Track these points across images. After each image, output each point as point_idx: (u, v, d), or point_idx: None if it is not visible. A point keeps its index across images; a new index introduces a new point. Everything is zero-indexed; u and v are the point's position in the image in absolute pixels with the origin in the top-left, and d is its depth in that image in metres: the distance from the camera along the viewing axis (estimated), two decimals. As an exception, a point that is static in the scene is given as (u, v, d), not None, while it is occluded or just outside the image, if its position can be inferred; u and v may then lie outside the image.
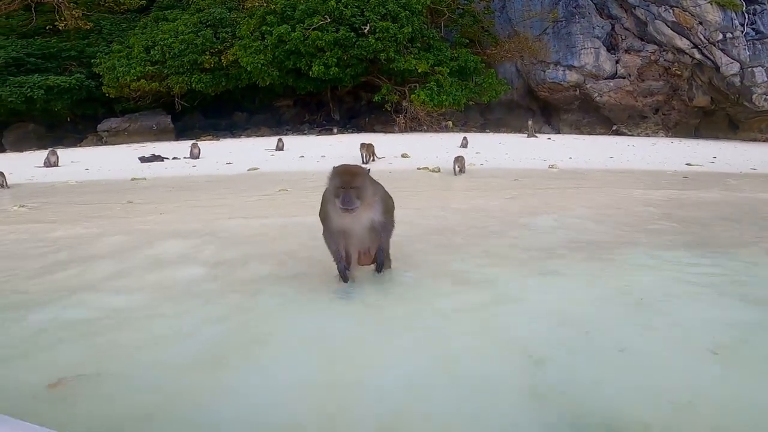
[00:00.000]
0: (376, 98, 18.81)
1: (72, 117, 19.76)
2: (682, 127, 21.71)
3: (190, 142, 13.43)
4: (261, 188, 7.41)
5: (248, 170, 9.83)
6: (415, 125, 18.59)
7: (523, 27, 21.56)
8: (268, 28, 17.79)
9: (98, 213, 6.10)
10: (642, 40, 20.78)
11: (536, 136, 17.49)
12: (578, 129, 21.70)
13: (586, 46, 20.82)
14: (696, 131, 21.79)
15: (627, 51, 20.96)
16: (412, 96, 17.86)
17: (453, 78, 18.63)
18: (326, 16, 17.55)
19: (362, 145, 10.53)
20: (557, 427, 1.41)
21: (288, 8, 18.12)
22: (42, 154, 13.62)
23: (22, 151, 16.69)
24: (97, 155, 13.00)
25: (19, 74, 18.75)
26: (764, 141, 19.69)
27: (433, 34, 19.30)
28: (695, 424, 1.43)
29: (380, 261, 2.61)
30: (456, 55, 19.32)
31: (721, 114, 21.41)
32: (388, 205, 2.60)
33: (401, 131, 18.09)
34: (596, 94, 21.12)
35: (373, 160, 10.41)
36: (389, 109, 18.76)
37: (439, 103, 17.74)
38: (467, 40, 20.57)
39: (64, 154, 12.55)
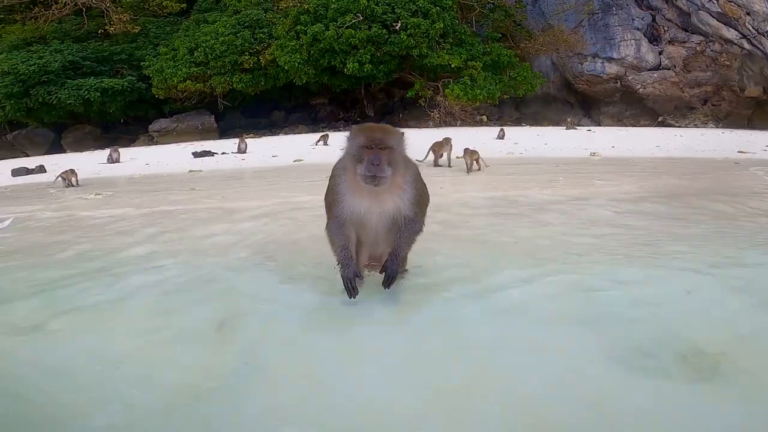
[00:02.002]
0: (410, 94, 19.37)
1: (125, 118, 21.40)
2: (734, 118, 20.92)
3: (234, 140, 14.41)
4: (309, 176, 8.07)
5: (294, 161, 10.56)
6: (449, 120, 18.97)
7: (557, 20, 21.56)
8: (303, 28, 18.67)
9: (168, 198, 6.94)
10: (686, 30, 20.34)
11: (576, 128, 17.43)
12: (620, 121, 21.41)
13: (625, 37, 20.63)
14: (749, 122, 20.93)
15: (671, 42, 20.51)
16: (446, 91, 18.29)
17: (487, 72, 18.91)
18: (358, 14, 18.24)
19: (436, 144, 8.82)
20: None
21: (321, 7, 18.94)
22: (101, 154, 15.01)
23: (82, 152, 18.32)
24: (152, 152, 14.24)
25: (77, 77, 20.40)
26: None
27: (464, 29, 19.61)
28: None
29: (391, 272, 1.93)
30: (489, 49, 19.58)
31: (775, 104, 20.48)
32: (421, 194, 2.04)
33: (436, 126, 18.51)
34: (639, 86, 20.74)
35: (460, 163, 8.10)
36: (423, 104, 19.24)
37: (474, 98, 18.05)
38: (499, 35, 20.74)
39: (123, 152, 13.80)
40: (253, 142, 14.56)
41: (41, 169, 11.64)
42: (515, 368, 1.65)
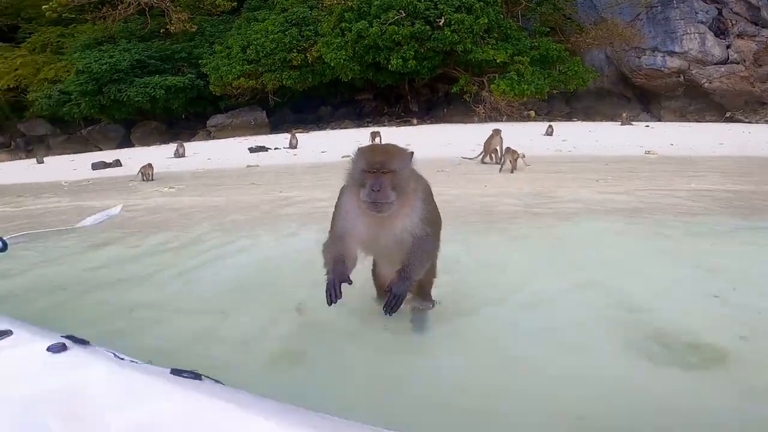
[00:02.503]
0: (454, 89, 19.52)
1: (185, 114, 23.14)
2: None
3: (285, 134, 15.34)
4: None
5: (342, 157, 11.23)
6: (495, 115, 18.97)
7: (611, 13, 20.89)
8: (347, 25, 19.24)
9: (235, 190, 7.80)
10: (756, 24, 19.21)
11: (632, 124, 16.90)
12: (683, 116, 20.49)
13: (688, 31, 19.83)
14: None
15: (740, 36, 19.44)
16: (492, 86, 18.30)
17: (534, 67, 18.70)
18: (401, 10, 18.55)
19: (490, 139, 8.73)
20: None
21: (364, 4, 19.42)
22: (166, 148, 16.50)
23: (149, 146, 20.14)
24: (212, 147, 15.52)
25: (143, 75, 22.12)
26: None
27: (510, 24, 19.48)
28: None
29: (396, 291, 1.72)
30: (536, 44, 19.33)
31: None
32: (432, 213, 1.88)
33: (481, 121, 18.59)
34: (704, 80, 19.74)
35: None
36: (468, 99, 19.34)
37: (521, 93, 17.95)
38: (547, 29, 20.37)
39: (186, 146, 15.15)
40: (302, 137, 15.47)
41: (117, 163, 13.12)
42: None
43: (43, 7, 24.66)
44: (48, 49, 25.90)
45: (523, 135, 12.52)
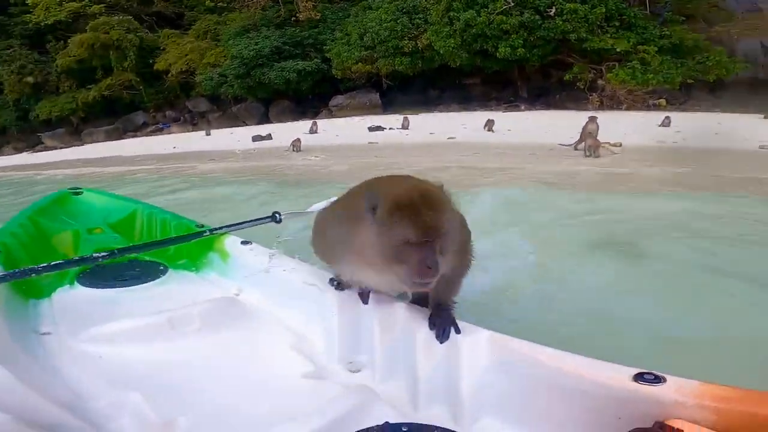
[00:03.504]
0: (567, 77, 20.01)
1: (311, 94, 27.58)
2: None
3: (396, 115, 18.32)
4: (461, 151, 11.24)
5: (447, 139, 13.89)
6: (613, 104, 19.03)
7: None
8: (456, 14, 20.56)
9: (364, 159, 10.95)
10: None
11: None
12: None
13: None
14: None
15: None
16: (609, 75, 18.54)
17: (664, 56, 18.43)
18: (509, 0, 19.56)
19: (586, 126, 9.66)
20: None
21: None
22: (301, 124, 20.69)
23: (284, 122, 24.88)
24: (338, 125, 19.24)
25: (280, 60, 26.26)
26: None
27: (633, 12, 19.23)
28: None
29: (443, 322, 1.35)
30: (668, 32, 18.92)
31: None
32: (466, 241, 1.47)
33: (594, 109, 18.38)
34: None
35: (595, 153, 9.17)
36: (582, 87, 19.75)
37: (645, 82, 17.97)
38: (682, 17, 19.71)
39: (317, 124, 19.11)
40: (412, 119, 18.30)
41: (269, 137, 17.46)
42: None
43: (204, -3, 30.83)
44: (208, 36, 32.28)
45: (635, 125, 13.15)
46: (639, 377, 1.01)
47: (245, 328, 1.76)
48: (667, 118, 14.45)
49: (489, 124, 14.59)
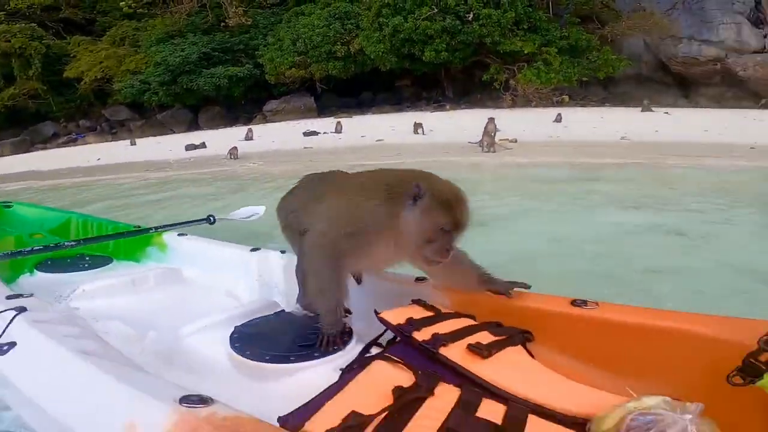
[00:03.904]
0: (485, 78, 21.86)
1: (244, 100, 27.37)
2: None
3: (331, 119, 18.90)
4: (384, 152, 12.11)
5: (376, 141, 14.72)
6: (524, 102, 21.00)
7: (649, 2, 22.46)
8: (385, 20, 21.78)
9: (301, 164, 11.47)
10: None
11: (651, 110, 18.78)
12: (720, 102, 21.79)
13: (725, 21, 21.35)
14: None
15: None
16: (519, 76, 20.55)
17: (564, 56, 20.65)
18: (433, 6, 20.94)
19: (486, 126, 11.19)
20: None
21: (400, 1, 21.82)
22: (235, 131, 20.60)
23: (216, 129, 24.50)
24: (273, 131, 19.40)
25: (209, 66, 25.98)
26: None
27: (539, 15, 21.39)
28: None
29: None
30: (566, 33, 21.20)
31: None
32: None
33: (509, 107, 20.71)
34: (739, 69, 21.28)
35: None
36: (498, 87, 21.67)
37: (548, 81, 20.10)
38: (578, 19, 22.20)
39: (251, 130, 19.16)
40: (345, 122, 18.95)
41: (204, 145, 17.27)
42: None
43: (121, 3, 29.56)
44: (126, 42, 30.84)
45: (532, 122, 15.32)
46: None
47: (189, 284, 2.34)
48: (559, 114, 16.37)
49: (417, 127, 15.55)
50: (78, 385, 1.06)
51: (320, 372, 1.27)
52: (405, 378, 1.04)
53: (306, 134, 16.97)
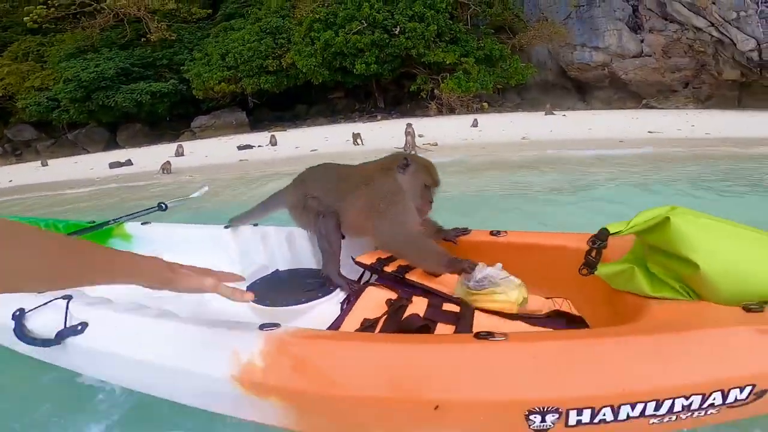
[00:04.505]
0: (413, 88, 23.17)
1: (170, 116, 26.43)
2: (718, 99, 23.92)
3: (264, 132, 18.95)
4: (318, 161, 12.55)
5: (311, 151, 15.06)
6: (449, 110, 22.52)
7: (550, 12, 25.03)
8: (316, 34, 22.43)
9: (239, 176, 11.54)
10: (665, 19, 23.39)
11: (554, 114, 21.13)
12: (609, 105, 24.88)
13: (608, 28, 23.92)
14: (739, 102, 23.93)
15: (650, 31, 23.72)
16: (442, 85, 22.09)
17: (481, 66, 22.49)
18: (362, 21, 21.94)
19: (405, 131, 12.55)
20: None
21: (330, 15, 22.66)
22: (163, 147, 19.90)
23: (138, 147, 23.38)
24: (205, 146, 18.97)
25: (129, 82, 24.93)
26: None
27: (458, 28, 23.12)
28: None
29: None
30: (483, 44, 23.12)
31: (757, 85, 23.40)
32: None
33: (435, 115, 22.24)
34: (621, 73, 24.17)
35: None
36: (424, 97, 23.11)
37: (467, 90, 21.77)
38: (492, 30, 24.32)
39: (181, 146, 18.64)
40: (280, 135, 19.10)
41: (129, 162, 16.56)
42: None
43: (25, 18, 27.51)
44: (30, 58, 28.65)
45: (453, 128, 16.58)
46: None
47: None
48: (476, 120, 17.80)
49: (355, 137, 16.00)
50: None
51: (325, 307, 1.64)
52: (391, 295, 1.43)
53: (240, 148, 16.86)
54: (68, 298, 1.45)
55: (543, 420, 0.94)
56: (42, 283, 0.71)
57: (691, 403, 0.94)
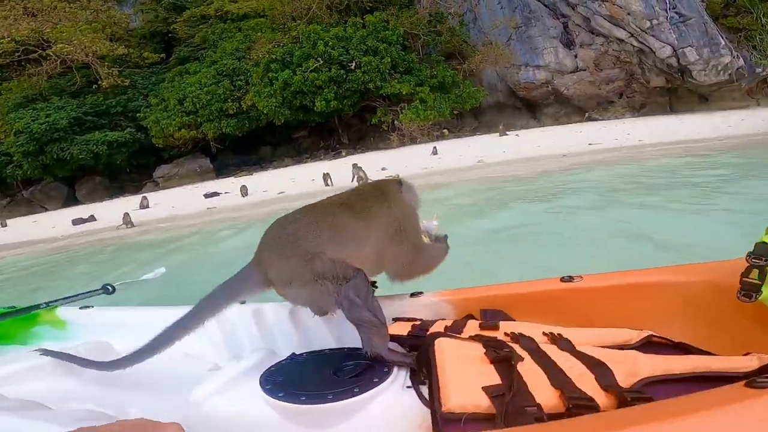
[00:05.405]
0: (374, 121, 23.98)
1: (129, 167, 26.21)
2: (652, 106, 26.22)
3: (230, 178, 19.30)
4: (288, 203, 13.20)
5: (278, 194, 15.68)
6: (411, 140, 23.40)
7: (494, 35, 26.71)
8: (274, 74, 23.01)
9: (214, 223, 12.02)
10: (592, 33, 25.44)
11: (507, 134, 22.57)
12: (557, 120, 26.69)
13: (546, 46, 25.74)
14: (670, 108, 26.36)
15: (581, 46, 25.90)
16: (401, 116, 23.07)
17: (436, 93, 23.59)
18: (318, 58, 22.81)
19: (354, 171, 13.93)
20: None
21: (287, 55, 23.39)
22: (121, 202, 19.99)
23: (99, 202, 23.12)
24: (169, 197, 19.15)
25: (83, 132, 24.28)
26: (740, 109, 22.49)
27: (411, 58, 24.33)
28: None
29: None
30: (435, 72, 24.38)
31: (683, 90, 25.97)
32: None
33: (397, 147, 23.01)
34: (563, 88, 26.20)
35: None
36: (385, 128, 23.94)
37: (426, 118, 22.79)
38: (442, 57, 25.69)
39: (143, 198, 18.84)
40: (246, 180, 19.47)
41: (92, 218, 16.61)
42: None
43: (-32, 67, 26.84)
44: (-27, 110, 27.70)
45: (413, 158, 17.48)
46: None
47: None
48: (435, 147, 18.86)
49: (326, 178, 15.62)
50: None
51: (391, 394, 1.18)
52: (473, 346, 1.11)
53: (207, 196, 17.24)
54: None
55: None
56: None
57: None
